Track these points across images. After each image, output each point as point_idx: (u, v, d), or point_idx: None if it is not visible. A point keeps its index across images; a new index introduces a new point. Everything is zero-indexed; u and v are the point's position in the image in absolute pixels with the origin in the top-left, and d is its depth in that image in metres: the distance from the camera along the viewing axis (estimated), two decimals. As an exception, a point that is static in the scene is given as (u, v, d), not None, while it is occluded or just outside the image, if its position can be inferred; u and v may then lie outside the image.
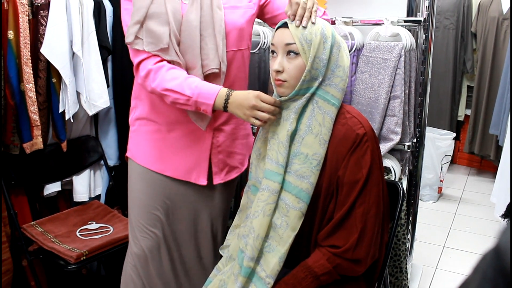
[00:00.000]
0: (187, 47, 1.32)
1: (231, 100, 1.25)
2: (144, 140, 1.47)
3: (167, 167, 1.45)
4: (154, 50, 1.29)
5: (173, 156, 1.45)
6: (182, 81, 1.28)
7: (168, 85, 1.28)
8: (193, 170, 1.46)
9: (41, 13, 1.78)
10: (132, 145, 1.51)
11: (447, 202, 3.43)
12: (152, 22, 1.29)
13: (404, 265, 1.87)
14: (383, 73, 1.78)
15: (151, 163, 1.46)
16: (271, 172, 1.21)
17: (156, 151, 1.45)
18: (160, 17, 1.29)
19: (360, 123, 1.18)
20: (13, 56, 1.73)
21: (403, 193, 1.43)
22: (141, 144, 1.48)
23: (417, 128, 1.99)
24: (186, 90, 1.26)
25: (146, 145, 1.47)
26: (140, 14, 1.29)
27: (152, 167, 1.46)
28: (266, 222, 1.20)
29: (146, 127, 1.46)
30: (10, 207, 1.83)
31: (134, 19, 1.29)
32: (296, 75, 1.16)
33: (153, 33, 1.29)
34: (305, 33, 1.14)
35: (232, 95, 1.25)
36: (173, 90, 1.27)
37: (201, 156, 1.45)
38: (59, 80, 1.85)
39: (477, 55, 3.80)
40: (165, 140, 1.44)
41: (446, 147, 3.34)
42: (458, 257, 2.64)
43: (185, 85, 1.27)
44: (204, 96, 1.26)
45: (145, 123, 1.46)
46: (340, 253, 1.14)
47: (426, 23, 1.87)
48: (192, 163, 1.45)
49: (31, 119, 1.79)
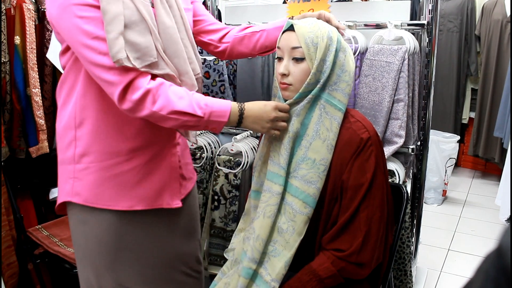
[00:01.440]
0: (173, 52, 1.15)
1: (246, 115, 1.16)
2: (101, 178, 1.19)
3: (137, 201, 1.22)
4: (142, 65, 1.07)
5: (142, 187, 1.22)
6: (190, 100, 1.10)
7: (176, 106, 1.08)
8: (164, 193, 1.26)
9: (47, 19, 1.80)
10: (82, 188, 1.20)
11: (451, 205, 3.42)
12: (131, 32, 1.06)
13: (409, 268, 1.87)
14: (387, 76, 1.78)
15: (116, 203, 1.20)
16: (273, 174, 1.22)
17: (121, 187, 1.20)
18: (139, 25, 1.08)
19: (364, 127, 1.19)
20: (19, 61, 1.74)
21: (407, 196, 1.43)
22: (99, 185, 1.20)
23: (421, 131, 1.99)
24: (197, 110, 1.10)
25: (106, 183, 1.20)
26: (119, 23, 1.04)
27: (118, 207, 1.21)
28: (267, 224, 1.20)
29: (100, 163, 1.18)
30: (16, 211, 1.84)
31: (115, 30, 1.03)
32: (301, 79, 1.17)
33: (137, 46, 1.06)
34: (311, 36, 1.15)
35: (246, 109, 1.17)
36: (183, 112, 1.09)
37: (171, 176, 1.27)
38: (65, 84, 1.87)
39: (481, 58, 3.80)
40: (128, 172, 1.20)
41: (451, 150, 3.33)
42: (463, 260, 2.63)
43: (195, 104, 1.10)
44: (217, 115, 1.13)
45: (97, 158, 1.18)
46: (344, 256, 1.15)
47: (429, 27, 1.87)
48: (164, 186, 1.25)
49: (37, 124, 1.80)
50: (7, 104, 1.77)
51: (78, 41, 1.06)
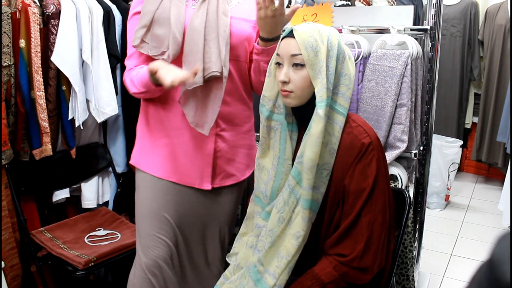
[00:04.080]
0: (189, 51, 1.35)
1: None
2: (149, 148, 1.50)
3: (173, 173, 1.47)
4: (156, 54, 1.36)
5: (177, 162, 1.46)
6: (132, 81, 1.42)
7: (131, 90, 1.44)
8: (197, 175, 1.47)
9: (52, 22, 1.81)
10: (137, 153, 1.54)
11: (454, 210, 3.42)
12: (157, 27, 1.36)
13: (411, 273, 1.86)
14: (390, 81, 1.79)
15: (156, 170, 1.48)
16: None
17: (161, 158, 1.47)
18: (165, 21, 1.35)
19: (366, 132, 1.19)
20: (24, 64, 1.75)
21: (409, 201, 1.43)
22: (147, 152, 1.50)
23: (423, 136, 1.99)
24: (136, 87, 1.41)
25: (151, 152, 1.49)
26: (147, 18, 1.36)
27: (158, 174, 1.47)
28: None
29: (150, 134, 1.49)
30: (19, 213, 1.85)
31: (141, 23, 1.36)
32: (302, 86, 1.17)
33: (157, 37, 1.36)
34: (311, 41, 1.15)
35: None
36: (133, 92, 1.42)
37: (204, 161, 1.46)
38: (69, 87, 1.88)
39: (484, 63, 3.79)
40: (169, 146, 1.46)
41: (453, 155, 3.33)
42: (466, 266, 2.62)
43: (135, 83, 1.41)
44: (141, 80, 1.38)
45: (149, 131, 1.49)
46: (346, 261, 1.15)
47: (432, 31, 1.87)
48: (196, 168, 1.46)
49: (41, 126, 1.81)
50: (11, 107, 1.78)
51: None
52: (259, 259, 1.24)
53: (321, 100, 1.13)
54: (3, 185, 1.81)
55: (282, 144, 1.27)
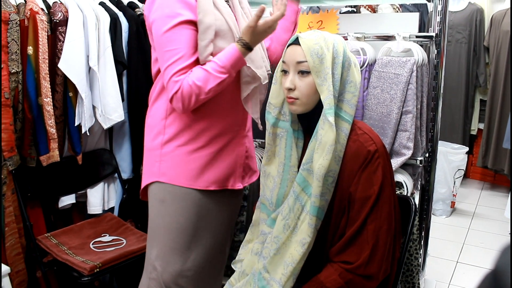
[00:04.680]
0: (249, 55, 1.34)
1: (248, 41, 1.29)
2: (181, 160, 1.42)
3: (211, 182, 1.44)
4: None
5: (215, 170, 1.44)
6: (209, 74, 1.30)
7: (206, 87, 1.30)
8: (230, 176, 1.49)
9: (59, 29, 1.83)
10: (167, 169, 1.43)
11: (460, 217, 3.40)
12: (221, 40, 1.33)
13: (417, 280, 1.86)
14: (395, 88, 1.79)
15: (193, 182, 1.42)
16: None
17: (198, 169, 1.42)
18: (226, 34, 1.35)
19: (372, 139, 1.19)
20: (32, 71, 1.77)
21: (415, 208, 1.43)
22: (179, 165, 1.42)
23: (429, 142, 1.98)
24: (219, 76, 1.29)
25: (186, 165, 1.42)
26: (212, 33, 1.30)
27: (194, 186, 1.42)
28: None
29: (183, 147, 1.41)
30: (26, 219, 1.86)
31: (208, 37, 1.30)
32: (308, 93, 1.17)
33: (222, 50, 1.32)
34: (316, 48, 1.16)
35: (244, 38, 1.29)
36: (215, 87, 1.30)
37: (237, 162, 1.50)
38: (76, 94, 1.89)
39: (489, 69, 3.79)
40: (206, 156, 1.42)
41: (459, 161, 3.32)
42: (472, 273, 2.61)
43: (214, 72, 1.29)
44: (232, 63, 1.29)
45: (180, 143, 1.41)
46: (352, 269, 1.15)
47: (438, 38, 1.88)
48: (231, 171, 1.49)
49: (48, 132, 1.82)
50: (19, 113, 1.80)
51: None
52: (264, 266, 1.24)
53: (329, 107, 1.14)
54: (9, 190, 1.82)
55: (287, 151, 1.28)
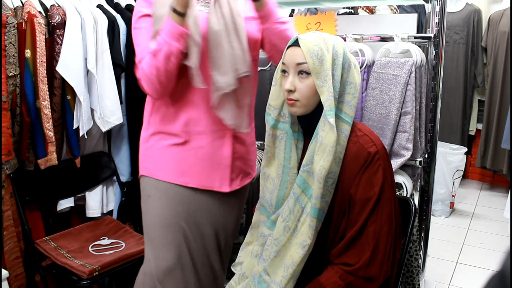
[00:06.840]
0: (216, 54, 1.34)
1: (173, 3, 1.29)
2: (163, 154, 1.45)
3: (190, 178, 1.44)
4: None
5: (195, 167, 1.44)
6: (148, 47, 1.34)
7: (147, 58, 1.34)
8: (216, 178, 1.46)
9: (57, 32, 1.82)
10: (148, 162, 1.48)
11: (459, 218, 3.40)
12: None
13: (417, 281, 1.85)
14: (394, 89, 1.79)
15: (174, 177, 1.44)
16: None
17: (177, 164, 1.44)
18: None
19: (372, 141, 1.19)
20: (29, 74, 1.77)
21: (415, 209, 1.43)
22: (160, 159, 1.45)
23: (428, 143, 1.98)
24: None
25: (166, 159, 1.45)
26: (160, 24, 1.33)
27: (175, 181, 1.44)
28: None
29: (164, 141, 1.45)
30: (24, 223, 1.85)
31: (156, 29, 1.33)
32: (308, 95, 1.17)
33: None
34: (316, 49, 1.15)
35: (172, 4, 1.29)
36: (154, 56, 1.31)
37: (223, 163, 1.46)
38: (74, 97, 1.89)
39: (487, 69, 3.79)
40: (186, 151, 1.43)
41: (458, 162, 3.32)
42: (472, 273, 2.61)
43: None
44: (169, 33, 1.29)
45: (162, 137, 1.45)
46: (352, 271, 1.14)
47: (436, 39, 1.88)
48: (214, 171, 1.46)
49: (46, 136, 1.82)
50: (16, 117, 1.79)
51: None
52: (264, 268, 1.23)
53: (330, 108, 1.14)
54: (8, 194, 1.82)
55: (287, 153, 1.27)
